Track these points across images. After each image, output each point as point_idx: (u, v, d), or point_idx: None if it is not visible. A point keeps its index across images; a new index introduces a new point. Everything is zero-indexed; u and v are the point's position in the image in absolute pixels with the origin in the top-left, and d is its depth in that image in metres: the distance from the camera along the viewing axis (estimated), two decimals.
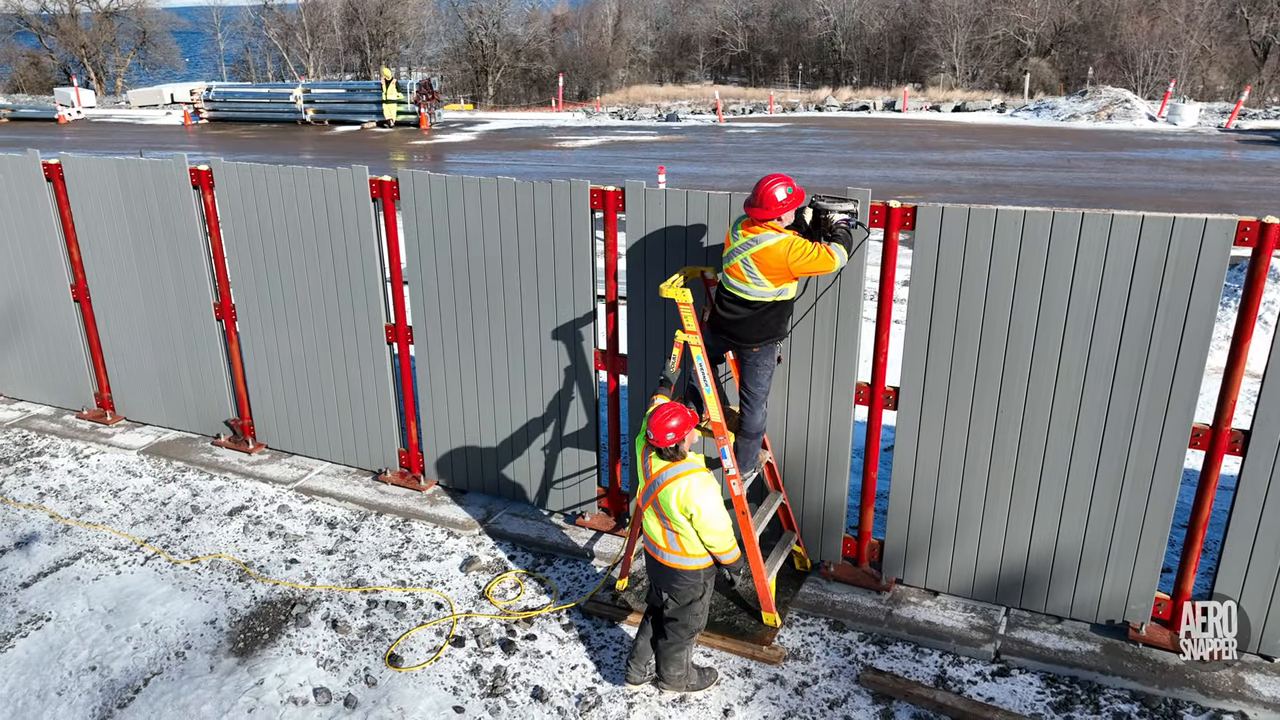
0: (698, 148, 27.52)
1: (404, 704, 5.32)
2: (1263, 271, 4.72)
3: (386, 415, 7.56)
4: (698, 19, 62.50)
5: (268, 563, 6.71)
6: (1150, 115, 31.24)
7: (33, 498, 7.71)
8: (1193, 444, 5.12)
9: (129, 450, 8.47)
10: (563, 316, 6.52)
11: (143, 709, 5.37)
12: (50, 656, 5.82)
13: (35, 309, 8.93)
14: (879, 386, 5.81)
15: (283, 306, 7.59)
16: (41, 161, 8.26)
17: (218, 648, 5.84)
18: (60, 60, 57.96)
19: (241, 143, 29.69)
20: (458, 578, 6.49)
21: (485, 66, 57.15)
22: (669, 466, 4.93)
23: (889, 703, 5.24)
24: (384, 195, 6.89)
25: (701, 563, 5.01)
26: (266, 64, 60.39)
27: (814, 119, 35.96)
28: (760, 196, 5.13)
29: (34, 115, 38.24)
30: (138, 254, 8.06)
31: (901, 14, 55.00)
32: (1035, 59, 47.55)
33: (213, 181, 7.49)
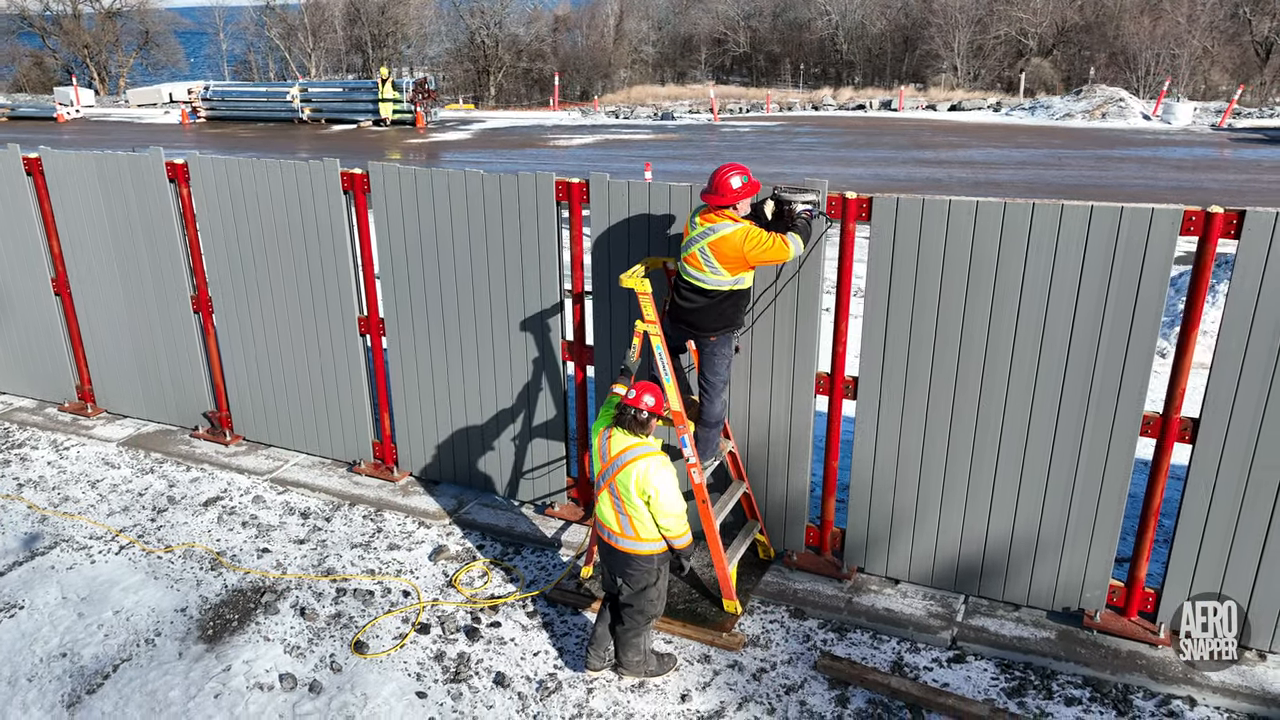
0: (691, 146, 27.58)
1: (367, 689, 5.38)
2: (1208, 260, 4.77)
3: (360, 407, 7.63)
4: (700, 19, 62.53)
5: (240, 552, 6.78)
6: (1145, 114, 31.25)
7: (11, 488, 7.79)
8: (1144, 432, 5.18)
9: (108, 442, 8.55)
10: (530, 308, 6.58)
11: (111, 694, 5.45)
12: (22, 644, 5.89)
13: (16, 302, 9.01)
14: (839, 376, 5.87)
15: (258, 299, 7.67)
16: (21, 156, 8.34)
17: (187, 635, 5.91)
18: (63, 60, 58.17)
19: (238, 141, 29.80)
20: (426, 566, 6.55)
21: (487, 66, 57.24)
22: (631, 447, 4.99)
23: (845, 688, 5.30)
24: (355, 188, 6.96)
25: (655, 547, 5.07)
26: (269, 64, 60.54)
27: (809, 118, 36.01)
28: (716, 184, 5.20)
29: (33, 114, 38.43)
30: (116, 247, 8.14)
31: (904, 14, 54.99)
32: (1037, 59, 47.53)
33: (188, 175, 7.56)
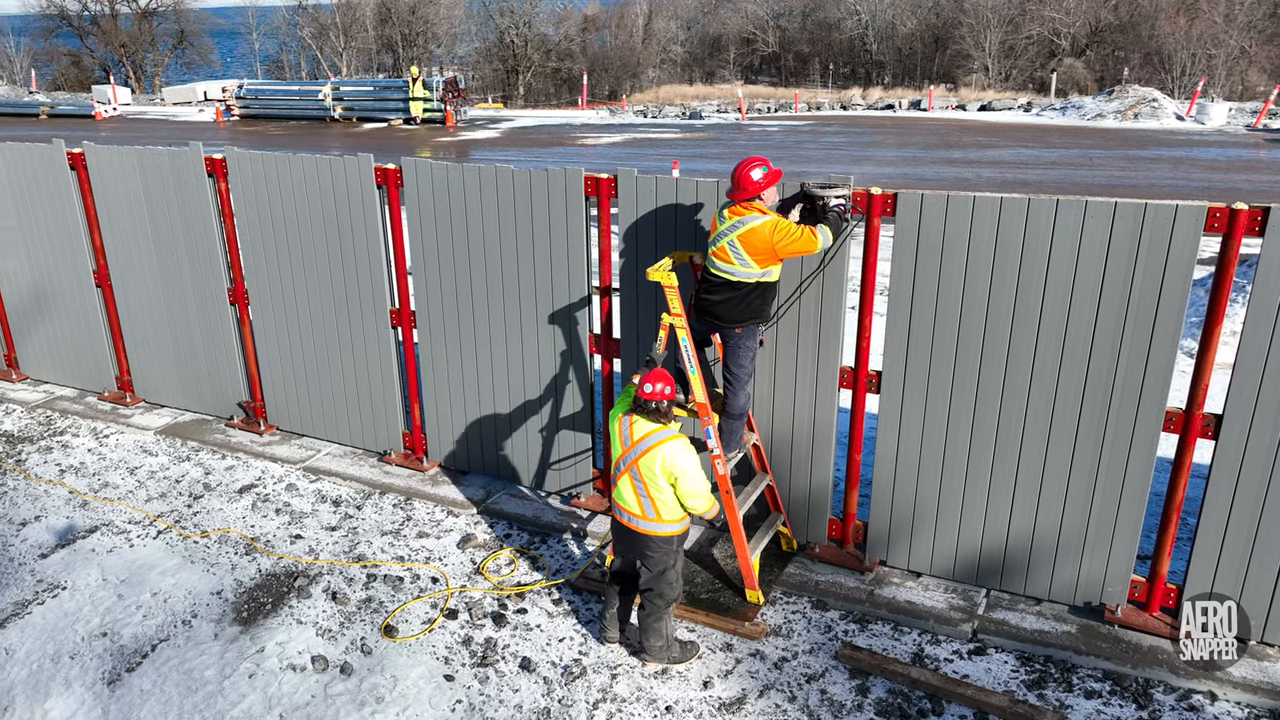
0: (719, 145, 27.63)
1: (397, 672, 5.51)
2: (1232, 256, 4.79)
3: (391, 398, 7.78)
4: (729, 19, 62.48)
5: (274, 538, 6.95)
6: (1178, 114, 30.91)
7: (54, 474, 8.01)
8: (1166, 427, 5.20)
9: (146, 430, 8.77)
10: (558, 302, 6.69)
11: (149, 673, 5.61)
12: (65, 623, 6.08)
13: (60, 294, 9.26)
14: (862, 371, 5.93)
15: (293, 291, 7.84)
16: (66, 150, 8.57)
17: (222, 617, 6.07)
18: (100, 59, 59.15)
19: (271, 138, 30.20)
20: (455, 554, 6.69)
21: (516, 66, 57.58)
22: (653, 431, 5.10)
23: (865, 678, 5.36)
24: (388, 183, 7.11)
25: (675, 528, 5.18)
26: (301, 63, 61.19)
27: (837, 117, 35.93)
28: (738, 180, 5.33)
29: (72, 112, 39.11)
30: (156, 240, 8.35)
31: (934, 14, 54.66)
32: (1070, 59, 47.08)
33: (227, 169, 7.74)
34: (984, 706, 5.08)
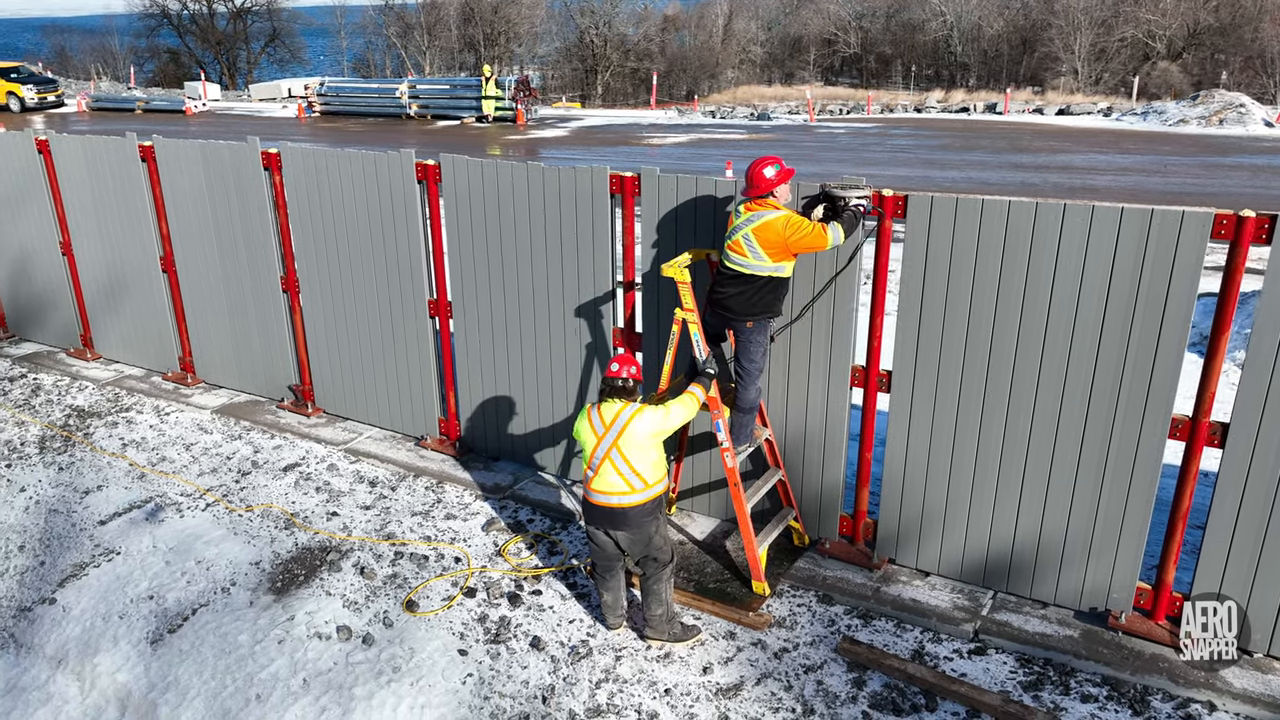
0: (785, 147, 27.57)
1: (415, 644, 5.79)
2: (1239, 265, 4.77)
3: (428, 385, 8.09)
4: (810, 19, 62.05)
5: (312, 514, 7.31)
6: (1267, 121, 29.81)
7: (117, 447, 8.53)
8: (1172, 435, 5.18)
9: (204, 410, 9.26)
10: (584, 295, 6.91)
11: (189, 635, 5.99)
12: (116, 585, 6.51)
13: (130, 279, 9.82)
14: (874, 370, 6.01)
15: (340, 281, 8.21)
16: (137, 144, 9.09)
17: (259, 586, 6.43)
18: (197, 56, 61.57)
19: (347, 134, 31.13)
20: (479, 536, 6.95)
21: (595, 65, 58.13)
22: (624, 407, 5.36)
23: (863, 671, 5.45)
24: (428, 178, 7.41)
25: (652, 493, 5.43)
26: (385, 62, 62.74)
27: (908, 120, 35.51)
28: (752, 178, 5.55)
29: (165, 107, 40.96)
30: (216, 229, 8.81)
31: (1022, 15, 53.45)
32: (1165, 62, 45.59)
33: (281, 164, 8.14)
34: (977, 705, 5.13)
